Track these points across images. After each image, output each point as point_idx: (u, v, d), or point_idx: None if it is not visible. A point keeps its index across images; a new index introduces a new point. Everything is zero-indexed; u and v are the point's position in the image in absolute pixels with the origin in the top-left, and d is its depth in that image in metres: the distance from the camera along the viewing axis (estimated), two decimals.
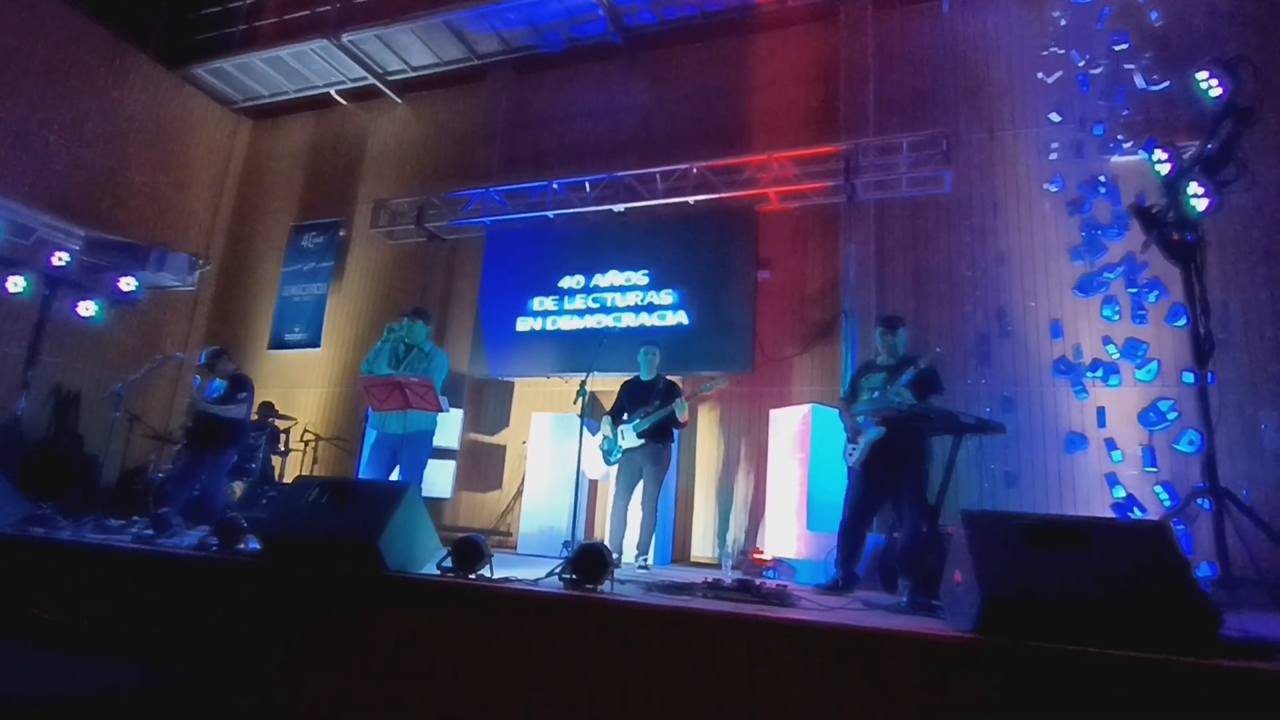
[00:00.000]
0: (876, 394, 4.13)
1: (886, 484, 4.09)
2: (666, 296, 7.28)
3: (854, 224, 6.94)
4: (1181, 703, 1.80)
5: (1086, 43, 6.67)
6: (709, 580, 3.13)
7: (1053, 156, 6.61)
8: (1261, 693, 1.76)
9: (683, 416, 5.17)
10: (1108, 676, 1.86)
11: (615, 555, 4.71)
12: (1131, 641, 1.94)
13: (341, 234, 9.56)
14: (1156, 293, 6.03)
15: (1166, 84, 6.29)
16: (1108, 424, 5.97)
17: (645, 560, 5.06)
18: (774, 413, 6.28)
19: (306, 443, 8.07)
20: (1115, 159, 6.37)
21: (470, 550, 2.98)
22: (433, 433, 5.05)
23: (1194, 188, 4.41)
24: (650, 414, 5.16)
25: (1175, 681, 1.82)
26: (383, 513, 3.03)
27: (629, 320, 7.36)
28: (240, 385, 5.80)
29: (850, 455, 4.24)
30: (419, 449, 4.97)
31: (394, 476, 4.91)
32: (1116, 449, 5.90)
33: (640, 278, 7.46)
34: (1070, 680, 1.88)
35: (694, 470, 7.13)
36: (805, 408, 5.83)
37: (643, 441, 5.18)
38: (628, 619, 2.41)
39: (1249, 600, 3.78)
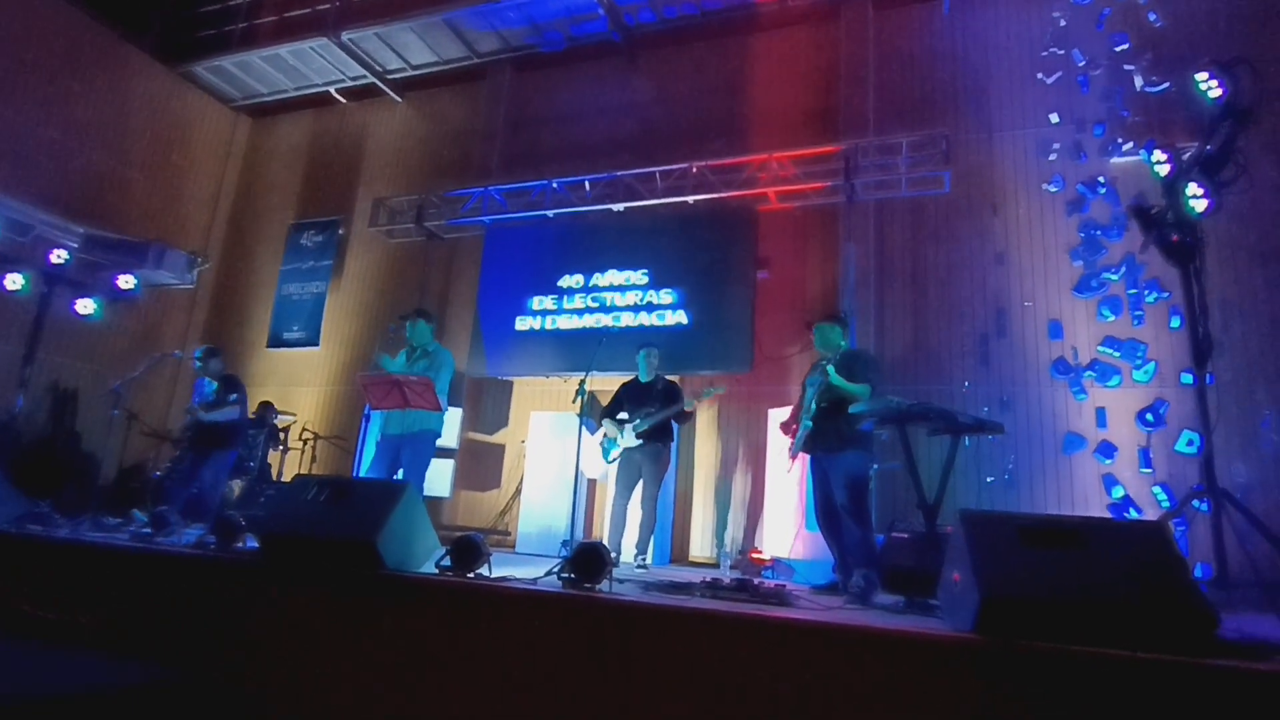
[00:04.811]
0: (812, 389, 4.23)
1: (826, 475, 4.15)
2: (666, 296, 7.28)
3: (853, 224, 6.94)
4: (1178, 703, 1.80)
5: (1086, 44, 6.67)
6: (707, 580, 3.13)
7: (1052, 157, 6.62)
8: (1258, 693, 1.76)
9: (690, 408, 5.23)
10: (1105, 676, 1.86)
11: (614, 554, 4.71)
12: (1129, 641, 1.94)
13: (340, 232, 9.56)
14: (1155, 294, 6.04)
15: (1166, 85, 6.29)
16: (1107, 424, 5.98)
17: (644, 560, 5.07)
18: (773, 412, 6.27)
19: (305, 441, 8.06)
20: (1114, 160, 6.38)
21: (468, 549, 2.97)
22: (437, 433, 5.03)
23: (1193, 189, 4.41)
24: (651, 415, 5.16)
25: (1172, 682, 1.82)
26: (381, 511, 3.02)
27: (628, 320, 7.35)
28: (230, 387, 5.77)
29: (790, 449, 4.40)
30: (422, 449, 4.95)
31: (398, 476, 4.90)
32: (1115, 449, 5.91)
33: (640, 277, 7.45)
34: (1068, 680, 1.88)
35: (693, 470, 7.13)
36: None
37: (642, 442, 5.18)
38: (626, 618, 2.41)
39: (1246, 601, 3.78)
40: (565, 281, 7.77)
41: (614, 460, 5.32)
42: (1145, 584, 2.13)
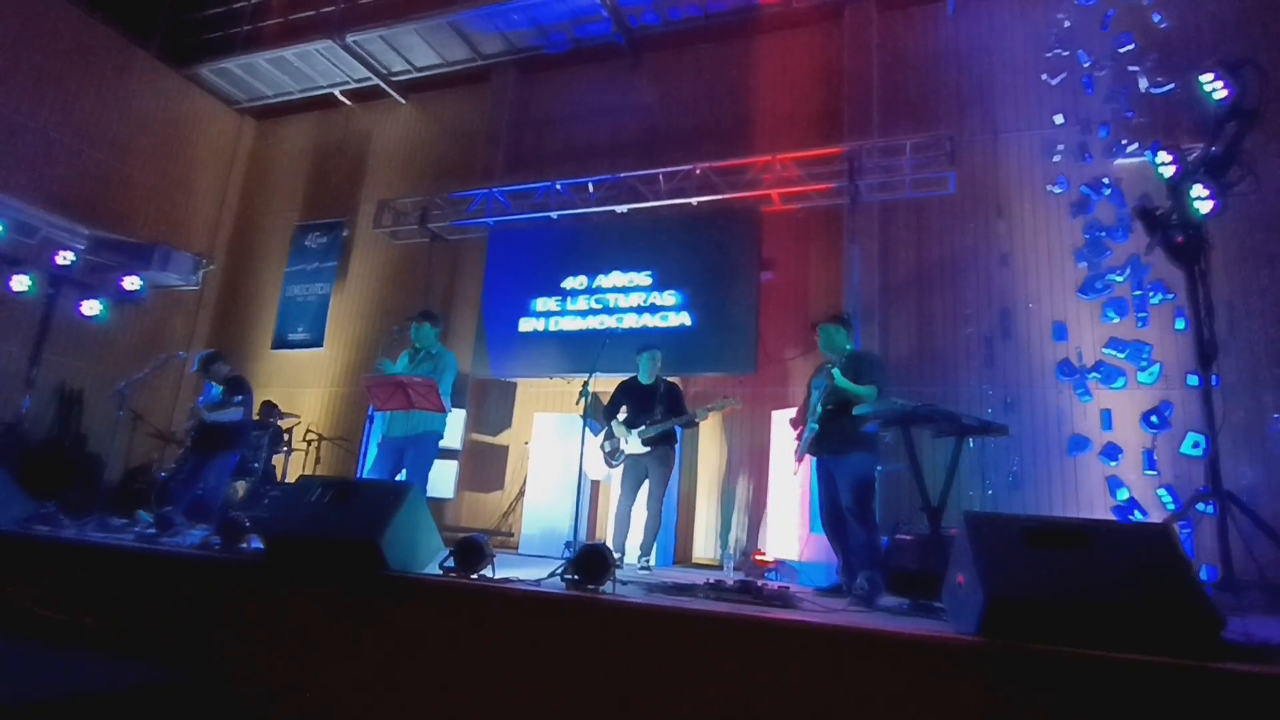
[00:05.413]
0: (818, 391, 4.22)
1: (831, 477, 4.16)
2: (669, 297, 7.28)
3: (857, 225, 6.92)
4: (1184, 706, 1.80)
5: (1091, 45, 6.66)
6: (711, 581, 3.13)
7: (1057, 158, 6.60)
8: (1264, 697, 1.76)
9: (701, 419, 5.28)
10: (1110, 679, 1.85)
11: (618, 556, 4.71)
12: (1134, 644, 1.94)
13: (345, 234, 9.58)
14: (1160, 295, 6.02)
15: (1171, 86, 6.27)
16: (1112, 426, 5.96)
17: (647, 561, 5.06)
18: (776, 414, 6.27)
19: (309, 442, 8.08)
20: (1119, 161, 6.36)
21: (472, 550, 2.98)
22: (440, 434, 5.03)
23: (1198, 190, 4.40)
24: (658, 423, 5.15)
25: (1178, 685, 1.81)
26: (385, 512, 3.03)
27: (632, 321, 7.35)
28: (236, 388, 5.79)
29: (796, 452, 4.39)
30: (425, 451, 4.96)
31: (400, 478, 4.91)
32: (1119, 451, 5.89)
33: (643, 278, 7.45)
34: (1073, 683, 1.88)
35: (696, 471, 7.12)
36: None
37: (649, 449, 5.17)
38: (629, 620, 2.41)
39: (1252, 604, 3.77)
40: (569, 283, 7.78)
41: (619, 465, 5.31)
42: (1150, 586, 2.12)
